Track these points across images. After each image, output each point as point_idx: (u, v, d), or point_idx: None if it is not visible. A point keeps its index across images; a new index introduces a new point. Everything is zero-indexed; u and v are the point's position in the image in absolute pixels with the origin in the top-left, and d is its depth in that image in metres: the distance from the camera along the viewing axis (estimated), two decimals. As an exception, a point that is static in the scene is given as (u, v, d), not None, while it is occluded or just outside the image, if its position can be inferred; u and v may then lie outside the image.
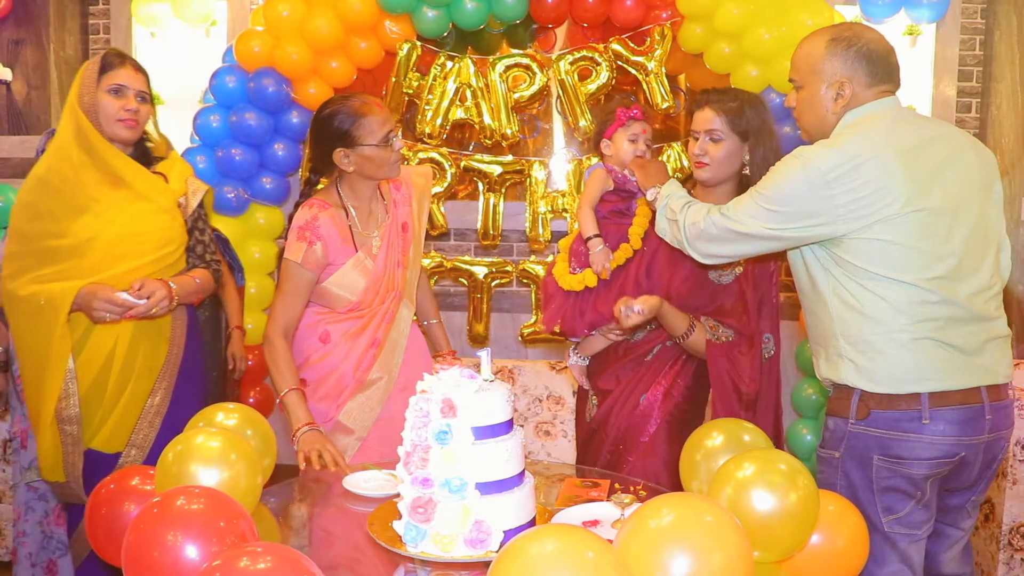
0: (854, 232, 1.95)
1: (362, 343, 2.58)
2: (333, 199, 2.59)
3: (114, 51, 2.53)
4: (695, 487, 1.93)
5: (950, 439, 1.96)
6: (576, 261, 2.60)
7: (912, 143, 1.98)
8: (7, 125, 4.83)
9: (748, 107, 2.45)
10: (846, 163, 1.92)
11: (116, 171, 2.48)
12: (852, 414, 2.01)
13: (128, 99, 2.48)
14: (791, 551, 1.64)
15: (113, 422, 2.51)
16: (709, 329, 2.44)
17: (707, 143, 2.44)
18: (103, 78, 2.46)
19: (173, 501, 1.51)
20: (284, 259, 2.54)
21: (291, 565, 1.31)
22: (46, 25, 4.76)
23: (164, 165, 2.62)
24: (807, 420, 4.09)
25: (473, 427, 1.71)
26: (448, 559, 1.70)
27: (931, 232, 1.94)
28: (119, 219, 2.47)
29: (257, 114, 4.08)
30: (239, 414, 2.01)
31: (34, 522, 3.12)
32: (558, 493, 2.12)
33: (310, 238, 2.50)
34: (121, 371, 2.49)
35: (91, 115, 2.45)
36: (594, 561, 1.25)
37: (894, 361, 1.96)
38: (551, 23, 4.25)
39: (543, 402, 3.94)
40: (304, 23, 3.95)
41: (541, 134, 4.57)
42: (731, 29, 3.76)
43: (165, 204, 2.54)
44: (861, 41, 2.06)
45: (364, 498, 2.07)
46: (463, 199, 4.51)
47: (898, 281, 1.94)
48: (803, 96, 2.12)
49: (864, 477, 2.01)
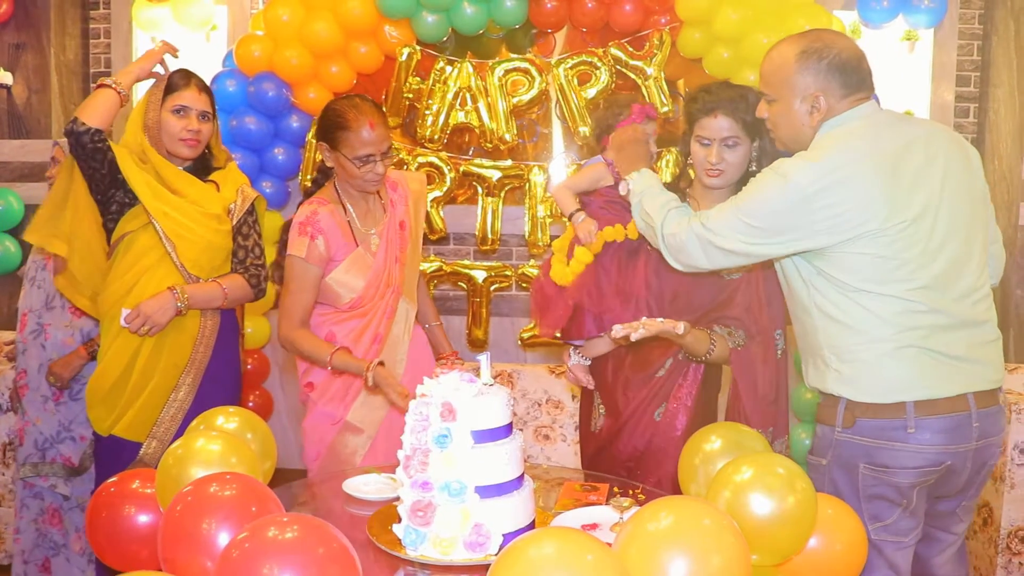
0: (835, 246, 1.94)
1: (365, 341, 2.60)
2: (331, 196, 2.62)
3: (181, 71, 2.64)
4: (693, 490, 1.93)
5: (936, 447, 1.94)
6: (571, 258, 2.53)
7: (891, 149, 1.95)
8: (7, 129, 4.84)
9: (753, 102, 2.32)
10: (825, 177, 1.90)
11: (170, 184, 2.60)
12: (838, 422, 2.00)
13: (191, 119, 2.60)
14: (789, 554, 1.65)
15: (134, 412, 2.58)
16: (729, 337, 2.37)
17: (724, 150, 2.34)
18: (168, 99, 2.59)
19: (206, 488, 1.54)
20: (288, 256, 2.55)
21: (318, 533, 1.33)
22: (47, 29, 4.77)
23: (219, 175, 2.73)
24: (805, 424, 4.09)
25: (473, 431, 1.72)
26: (447, 562, 1.70)
27: (913, 242, 1.92)
28: (168, 218, 2.57)
29: (257, 118, 4.09)
30: (239, 418, 2.02)
31: (28, 519, 3.16)
32: (557, 497, 2.13)
33: (311, 232, 2.52)
34: (146, 363, 2.58)
35: (153, 131, 2.59)
36: (593, 564, 1.25)
37: (879, 371, 1.95)
38: (550, 28, 4.26)
39: (542, 406, 3.95)
40: (304, 27, 3.96)
41: (540, 139, 4.58)
42: (730, 34, 3.77)
43: (214, 210, 2.64)
44: (832, 52, 2.01)
45: (364, 501, 2.07)
46: (462, 203, 4.51)
47: (881, 294, 1.93)
48: (777, 109, 2.09)
49: (850, 485, 2.00)
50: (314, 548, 1.30)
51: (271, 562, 1.26)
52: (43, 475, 3.11)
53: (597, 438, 2.58)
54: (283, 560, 1.27)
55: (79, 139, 2.47)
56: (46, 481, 3.12)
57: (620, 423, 2.50)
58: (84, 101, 2.53)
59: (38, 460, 3.11)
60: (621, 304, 2.44)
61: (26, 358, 3.14)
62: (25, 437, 3.14)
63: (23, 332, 3.15)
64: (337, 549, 1.33)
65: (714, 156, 2.34)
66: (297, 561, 1.27)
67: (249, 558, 1.28)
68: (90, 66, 4.86)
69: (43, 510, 3.16)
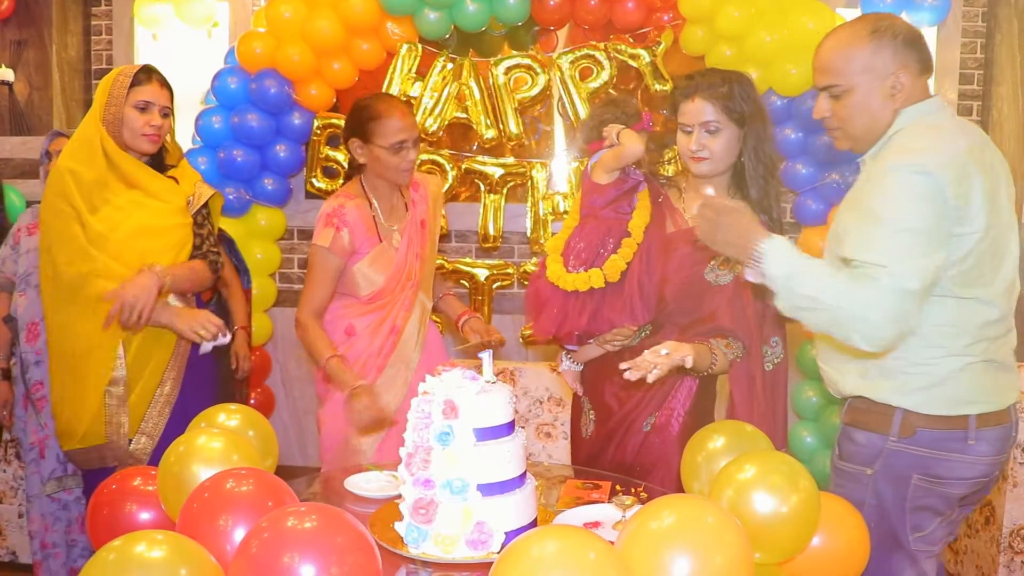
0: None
1: (383, 332, 2.68)
2: (358, 191, 2.71)
3: (144, 67, 2.61)
4: (696, 489, 1.92)
5: (990, 458, 1.92)
6: (576, 260, 2.42)
7: (976, 147, 1.87)
8: (9, 126, 4.84)
9: (738, 88, 2.28)
10: (952, 167, 1.79)
11: (130, 176, 2.57)
12: (894, 431, 1.91)
13: (153, 115, 2.57)
14: (792, 553, 1.64)
15: (127, 410, 2.56)
16: (728, 349, 2.29)
17: (704, 137, 2.27)
18: (131, 93, 2.55)
19: (223, 484, 1.54)
20: (312, 245, 2.65)
21: (337, 522, 1.33)
22: (48, 26, 4.77)
23: (175, 171, 2.72)
24: (807, 422, 4.09)
25: (475, 428, 1.72)
26: (449, 560, 1.70)
27: (994, 245, 1.86)
28: (134, 216, 2.54)
29: (259, 115, 4.09)
30: (241, 415, 2.02)
31: (60, 532, 3.13)
32: (559, 495, 2.13)
33: (337, 224, 2.62)
34: (135, 360, 2.55)
35: (114, 126, 2.54)
36: (595, 562, 1.25)
37: (949, 385, 1.89)
38: (553, 25, 4.26)
39: (544, 404, 3.94)
40: (306, 24, 3.96)
41: (542, 136, 4.58)
42: (733, 32, 3.77)
43: (178, 204, 2.63)
44: (902, 28, 1.92)
45: (366, 499, 2.07)
46: (464, 201, 4.51)
47: (963, 298, 1.86)
48: (853, 100, 1.95)
49: (898, 496, 1.94)
50: (333, 537, 1.29)
51: (291, 551, 1.26)
52: (67, 488, 3.07)
53: (587, 444, 2.53)
54: (303, 549, 1.26)
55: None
56: (70, 494, 3.09)
57: (608, 430, 2.45)
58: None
59: (62, 474, 3.05)
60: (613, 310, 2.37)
61: (41, 370, 3.01)
62: (46, 451, 3.05)
63: (35, 343, 3.05)
64: (356, 537, 1.33)
65: (694, 143, 2.28)
66: (317, 550, 1.27)
67: (269, 548, 1.28)
68: (92, 63, 4.86)
69: (71, 521, 3.12)
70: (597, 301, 2.38)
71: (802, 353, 4.01)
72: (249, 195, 4.23)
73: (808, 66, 2.11)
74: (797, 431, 4.08)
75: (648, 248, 2.37)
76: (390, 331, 2.69)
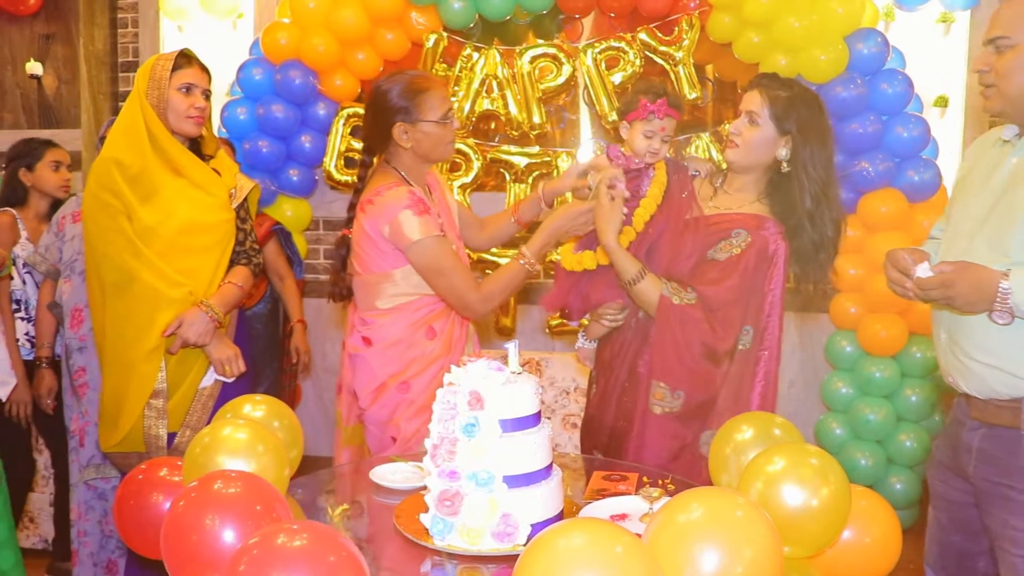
0: None
1: (457, 329, 2.61)
2: (400, 180, 2.52)
3: (182, 51, 2.64)
4: (725, 481, 1.90)
5: None
6: (582, 242, 2.56)
7: None
8: (38, 119, 4.89)
9: (800, 102, 2.32)
10: None
11: (176, 162, 2.60)
12: None
13: (196, 96, 2.60)
14: (822, 547, 1.62)
15: (172, 405, 2.60)
16: (674, 293, 2.32)
17: (744, 124, 2.35)
18: (174, 76, 2.58)
19: (211, 485, 1.53)
20: (419, 242, 2.42)
21: (327, 541, 1.32)
22: (76, 20, 4.81)
23: (215, 162, 2.74)
24: (837, 414, 4.04)
25: (501, 420, 1.71)
26: (475, 552, 1.69)
27: None
28: (182, 209, 2.57)
29: (284, 106, 4.10)
30: (266, 406, 2.02)
31: (94, 521, 3.14)
32: (585, 486, 2.11)
33: (424, 208, 2.44)
34: (175, 371, 2.59)
35: (159, 110, 2.56)
36: (623, 555, 1.23)
37: None
38: (578, 13, 4.23)
39: (570, 394, 3.93)
40: (330, 15, 3.96)
41: (568, 125, 4.55)
42: (760, 18, 3.71)
43: (222, 198, 2.66)
44: None
45: (391, 490, 2.07)
46: (490, 191, 4.49)
47: None
48: (1016, 56, 1.89)
49: None
50: (324, 556, 1.28)
51: (280, 570, 1.25)
52: (105, 476, 3.08)
53: (588, 409, 2.65)
54: (293, 568, 1.25)
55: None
56: (108, 483, 3.10)
57: (600, 393, 2.55)
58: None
59: (100, 461, 3.05)
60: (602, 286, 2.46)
61: (84, 356, 3.06)
62: (85, 438, 3.07)
63: (78, 329, 3.07)
64: (347, 558, 1.31)
65: (734, 126, 2.38)
66: (307, 569, 1.25)
67: (258, 566, 1.27)
68: (118, 56, 4.89)
69: (106, 511, 3.11)
70: (590, 279, 2.49)
71: (831, 345, 3.96)
72: (275, 186, 4.24)
73: (837, 52, 2.06)
74: (827, 423, 4.04)
75: (658, 236, 2.42)
76: (462, 324, 2.62)
